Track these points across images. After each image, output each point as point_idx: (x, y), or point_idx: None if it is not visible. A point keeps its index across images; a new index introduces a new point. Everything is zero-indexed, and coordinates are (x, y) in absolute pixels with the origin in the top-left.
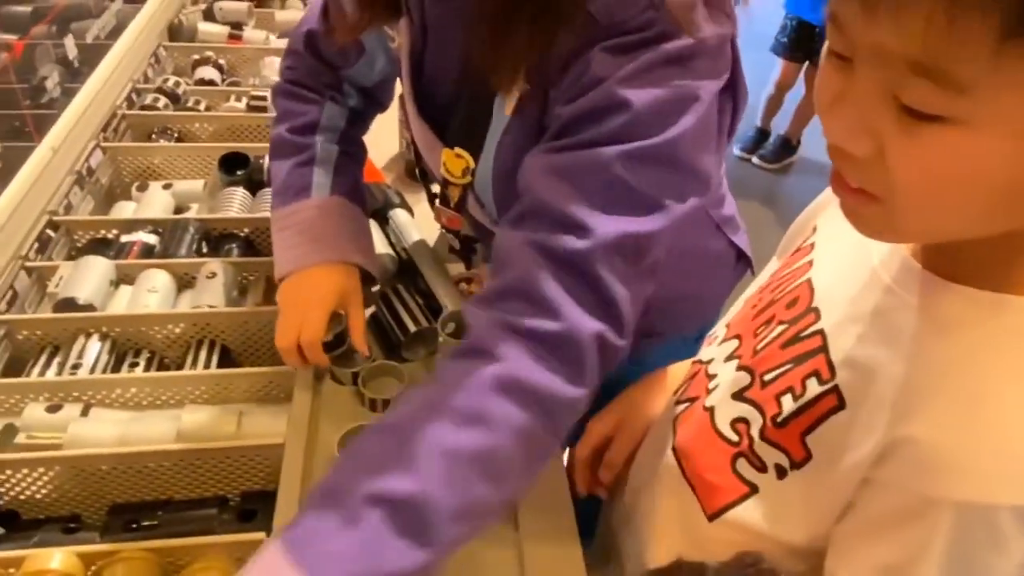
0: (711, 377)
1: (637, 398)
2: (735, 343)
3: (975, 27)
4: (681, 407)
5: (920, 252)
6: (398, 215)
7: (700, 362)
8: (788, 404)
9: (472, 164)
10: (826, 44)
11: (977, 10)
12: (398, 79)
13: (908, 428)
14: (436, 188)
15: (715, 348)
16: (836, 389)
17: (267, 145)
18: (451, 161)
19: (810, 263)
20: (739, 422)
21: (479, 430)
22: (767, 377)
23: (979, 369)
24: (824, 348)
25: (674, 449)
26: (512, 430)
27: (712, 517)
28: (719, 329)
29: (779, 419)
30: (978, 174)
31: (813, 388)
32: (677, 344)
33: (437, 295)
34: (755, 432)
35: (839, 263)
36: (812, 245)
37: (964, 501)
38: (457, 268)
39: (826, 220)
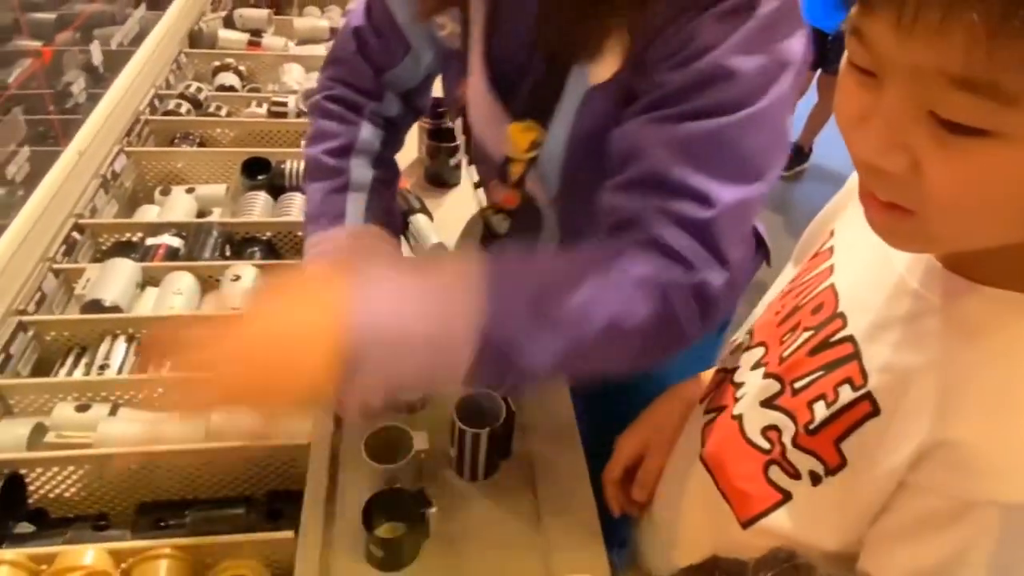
0: (737, 386)
1: (663, 413)
2: (761, 351)
3: (1018, 42)
4: (708, 417)
5: (944, 255)
6: (418, 220)
7: (725, 370)
8: (821, 411)
9: (541, 136)
10: (845, 58)
11: (1021, 31)
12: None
13: (947, 431)
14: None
15: (740, 356)
16: (870, 395)
17: (288, 150)
18: (517, 135)
19: (831, 268)
20: (770, 430)
21: (622, 296)
22: (797, 384)
23: (1011, 370)
24: (856, 355)
25: (703, 459)
26: (647, 318)
27: (746, 525)
28: (742, 336)
29: (812, 426)
30: (1018, 186)
31: (846, 394)
32: (704, 337)
33: None
34: (787, 439)
35: (862, 268)
36: (831, 250)
37: (1007, 503)
38: None
39: (843, 224)
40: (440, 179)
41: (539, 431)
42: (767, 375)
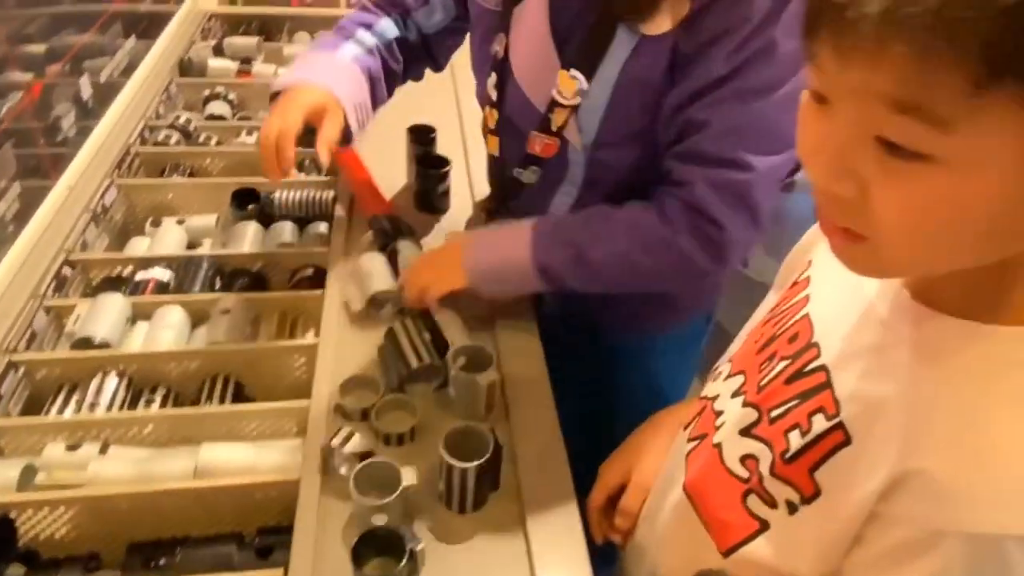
0: (718, 414)
1: (646, 442)
2: (740, 379)
3: (949, 74)
4: (691, 445)
5: (912, 284)
6: (407, 248)
7: (706, 398)
8: (796, 440)
9: (585, 85)
10: (806, 90)
11: (949, 62)
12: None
13: (916, 461)
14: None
15: (720, 384)
16: (842, 425)
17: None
18: (564, 82)
19: (807, 297)
20: (748, 458)
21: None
22: (774, 413)
23: (974, 400)
24: (828, 384)
25: (685, 488)
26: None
27: (726, 554)
28: (723, 365)
29: (787, 455)
30: (961, 212)
31: (819, 424)
32: (687, 329)
33: (443, 330)
34: (764, 468)
35: (836, 297)
36: (808, 279)
37: (974, 532)
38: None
39: (820, 254)
40: (430, 205)
41: (528, 463)
42: (746, 404)
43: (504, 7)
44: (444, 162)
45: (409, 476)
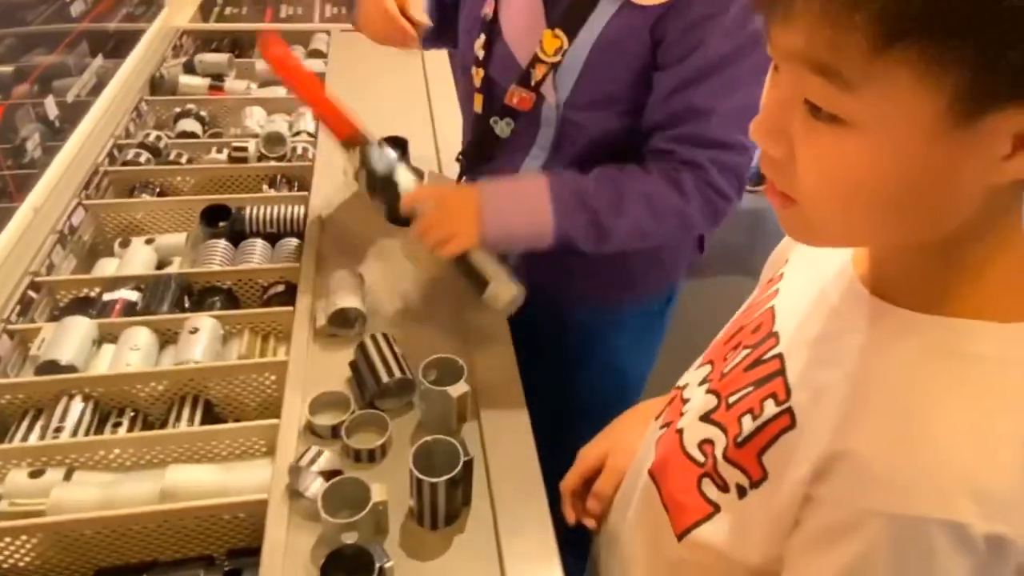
0: (685, 401)
1: (624, 428)
2: (708, 368)
3: (850, 35)
4: (661, 431)
5: (867, 277)
6: (404, 176)
7: (678, 387)
8: (748, 424)
9: (566, 44)
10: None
11: (849, 24)
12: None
13: (845, 443)
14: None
15: (691, 373)
16: (790, 410)
17: (248, 195)
18: (548, 40)
19: (776, 291)
20: (705, 443)
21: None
22: (732, 399)
23: (910, 387)
24: (782, 371)
25: (651, 472)
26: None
27: (680, 537)
28: (699, 358)
29: (739, 439)
30: (871, 177)
31: (770, 409)
32: (645, 307)
33: (479, 270)
34: (719, 452)
35: (799, 290)
36: (782, 276)
37: (896, 513)
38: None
39: (796, 252)
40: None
41: (501, 476)
42: (708, 391)
43: None
44: (417, 174)
45: (379, 493)
